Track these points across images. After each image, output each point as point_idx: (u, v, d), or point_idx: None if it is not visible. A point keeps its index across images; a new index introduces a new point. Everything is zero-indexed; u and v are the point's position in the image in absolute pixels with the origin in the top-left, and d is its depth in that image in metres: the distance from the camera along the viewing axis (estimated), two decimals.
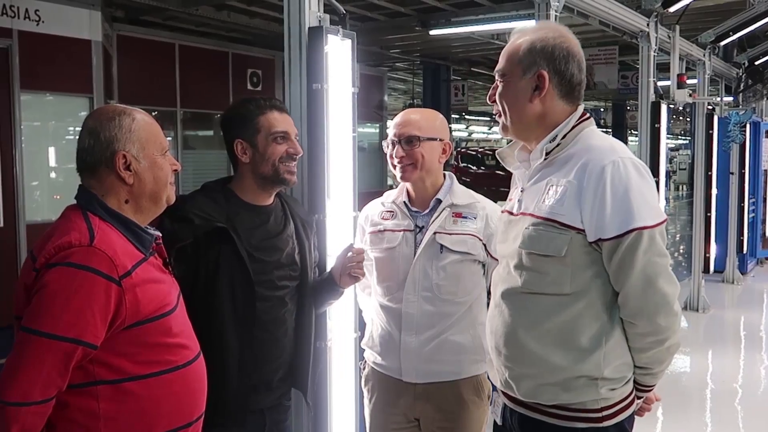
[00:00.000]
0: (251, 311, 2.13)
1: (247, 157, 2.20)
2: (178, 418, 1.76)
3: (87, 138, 1.75)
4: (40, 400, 1.57)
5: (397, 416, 2.51)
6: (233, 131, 2.22)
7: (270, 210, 2.27)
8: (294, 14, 2.50)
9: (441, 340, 2.42)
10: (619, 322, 1.80)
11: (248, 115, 2.20)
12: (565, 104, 1.86)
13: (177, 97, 10.19)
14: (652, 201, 1.76)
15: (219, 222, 2.10)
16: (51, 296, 1.59)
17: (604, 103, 27.45)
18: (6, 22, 7.04)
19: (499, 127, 1.97)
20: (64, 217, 1.73)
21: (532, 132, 1.88)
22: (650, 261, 1.71)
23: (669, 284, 1.75)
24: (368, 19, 11.18)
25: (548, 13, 4.03)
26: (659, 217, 1.74)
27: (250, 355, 2.15)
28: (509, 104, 1.88)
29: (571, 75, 1.84)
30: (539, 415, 1.84)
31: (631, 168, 1.74)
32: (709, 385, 5.60)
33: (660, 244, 1.73)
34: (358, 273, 2.30)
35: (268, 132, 2.19)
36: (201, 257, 2.09)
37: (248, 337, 2.14)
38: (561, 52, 1.82)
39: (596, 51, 13.45)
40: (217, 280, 2.10)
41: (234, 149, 2.21)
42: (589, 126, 1.88)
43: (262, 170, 2.20)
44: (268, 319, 2.19)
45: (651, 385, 1.89)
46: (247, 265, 2.11)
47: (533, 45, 1.83)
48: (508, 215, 1.97)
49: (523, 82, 1.84)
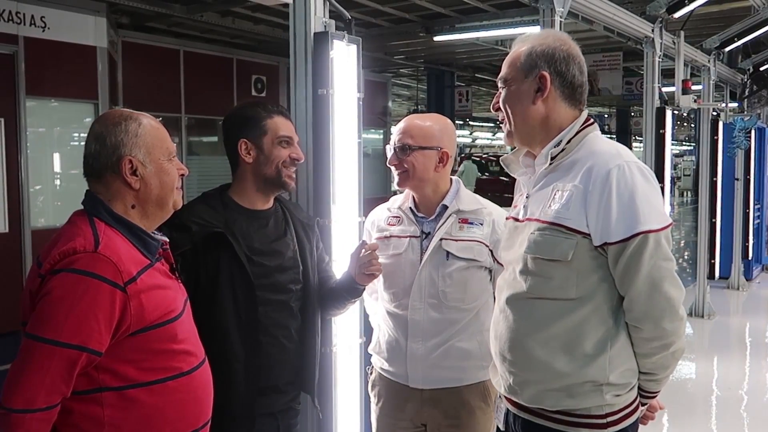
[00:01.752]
0: (254, 315, 2.13)
1: (251, 158, 2.21)
2: (184, 424, 1.76)
3: (93, 143, 1.75)
4: (45, 407, 1.57)
5: (404, 422, 2.50)
6: (238, 131, 2.22)
7: (269, 214, 2.28)
8: (300, 20, 2.51)
9: (447, 347, 2.41)
10: (624, 327, 1.79)
11: (256, 117, 2.22)
12: (568, 107, 1.87)
13: (182, 103, 10.20)
14: (658, 205, 1.76)
15: (217, 227, 2.10)
16: (55, 303, 1.59)
17: (608, 110, 27.45)
18: (12, 28, 7.05)
19: (503, 135, 1.98)
20: (71, 222, 1.73)
21: (537, 136, 1.89)
22: (656, 265, 1.71)
23: (674, 288, 1.75)
24: (373, 26, 11.20)
25: (553, 18, 4.02)
26: (665, 221, 1.74)
27: (256, 359, 2.14)
28: (513, 108, 1.89)
29: (573, 76, 1.86)
30: (543, 421, 1.83)
31: (636, 172, 1.74)
32: (714, 391, 5.58)
33: (666, 248, 1.73)
34: (373, 270, 2.29)
35: (274, 135, 2.21)
36: (201, 264, 2.09)
37: (253, 342, 2.14)
38: (561, 54, 1.85)
39: (600, 57, 13.44)
40: (218, 285, 2.10)
41: (237, 148, 2.21)
42: (594, 131, 1.88)
43: (265, 172, 2.21)
44: (272, 323, 2.19)
45: (655, 392, 1.89)
46: (247, 269, 2.11)
47: (533, 49, 1.86)
48: (513, 221, 1.97)
49: (525, 85, 1.86)
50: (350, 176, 2.60)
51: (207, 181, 8.62)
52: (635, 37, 5.90)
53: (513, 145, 1.97)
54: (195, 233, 2.08)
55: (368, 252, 2.27)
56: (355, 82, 2.60)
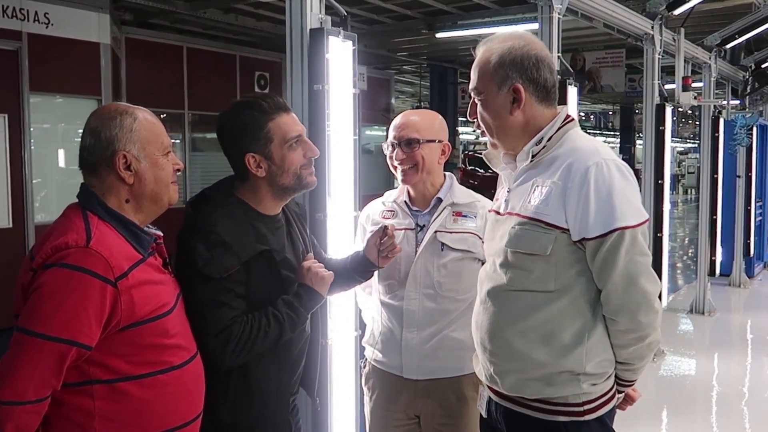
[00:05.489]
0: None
1: (263, 171, 1.98)
2: (174, 418, 1.77)
3: (88, 137, 1.75)
4: (34, 400, 1.58)
5: (397, 413, 2.53)
6: (240, 144, 1.97)
7: (281, 218, 2.12)
8: (296, 16, 2.53)
9: (441, 337, 2.44)
10: (601, 319, 1.83)
11: (255, 124, 1.97)
12: (545, 108, 1.91)
13: (185, 99, 10.24)
14: (635, 201, 1.80)
15: (261, 243, 1.95)
16: (46, 297, 1.59)
17: (612, 107, 27.43)
18: (16, 24, 7.11)
19: (488, 145, 2.02)
20: (64, 216, 1.73)
21: (519, 141, 1.92)
22: (632, 260, 1.75)
23: (650, 282, 1.79)
24: (375, 22, 11.22)
25: (551, 15, 4.05)
26: (641, 217, 1.78)
27: (286, 375, 2.08)
28: (492, 121, 1.93)
29: (545, 80, 1.89)
30: (523, 409, 1.88)
31: (614, 169, 1.78)
32: (715, 387, 5.58)
33: (642, 244, 1.77)
34: (396, 253, 2.31)
35: (282, 140, 1.98)
36: (250, 281, 1.94)
37: (285, 356, 2.06)
38: (530, 60, 1.87)
39: (603, 54, 13.40)
40: (255, 302, 1.95)
41: (245, 163, 1.97)
42: (574, 128, 1.92)
43: (283, 182, 2.00)
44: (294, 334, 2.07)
45: (632, 381, 1.93)
46: (283, 285, 2.01)
47: (502, 59, 1.87)
48: (495, 214, 2.01)
49: (501, 98, 1.89)
50: (346, 171, 2.63)
51: (210, 178, 8.61)
52: (635, 34, 5.91)
53: (500, 151, 2.00)
54: (239, 252, 1.90)
55: (392, 237, 2.28)
56: (351, 78, 2.63)
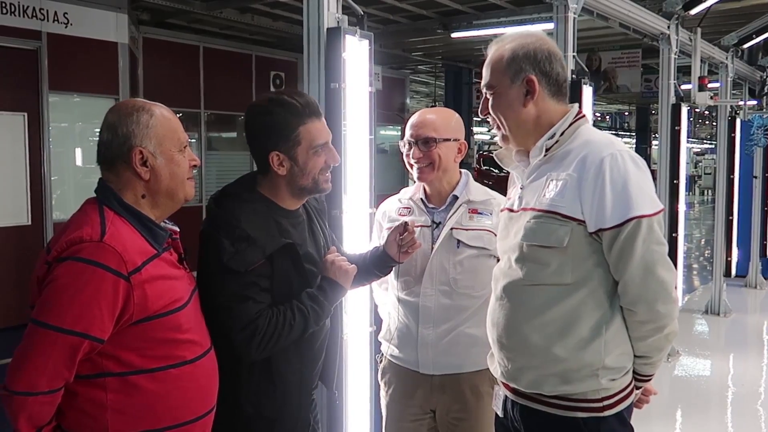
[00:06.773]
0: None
1: (284, 170, 2.02)
2: (186, 412, 1.78)
3: (106, 132, 1.78)
4: (47, 391, 1.61)
5: (413, 408, 2.56)
6: (268, 141, 2.00)
7: (302, 213, 2.16)
8: (313, 15, 2.56)
9: (457, 333, 2.46)
10: (619, 311, 1.84)
11: (286, 125, 1.99)
12: (557, 103, 1.93)
13: (201, 98, 10.33)
14: (650, 191, 1.81)
15: (283, 238, 1.99)
16: (60, 290, 1.62)
17: (629, 107, 27.26)
18: (35, 24, 7.20)
19: (499, 140, 2.03)
20: (81, 210, 1.76)
21: (531, 136, 1.94)
22: (649, 249, 1.76)
23: (667, 271, 1.80)
24: (390, 22, 11.23)
25: (566, 15, 4.05)
26: (657, 207, 1.79)
27: (307, 368, 2.11)
28: (505, 114, 1.94)
29: (557, 74, 1.92)
30: (540, 406, 1.88)
31: (628, 160, 1.79)
32: (730, 388, 5.55)
33: (658, 233, 1.78)
34: (416, 248, 2.33)
35: (309, 145, 2.01)
36: (274, 274, 1.97)
37: (308, 349, 2.09)
38: (543, 54, 1.89)
39: (619, 54, 13.33)
40: (278, 296, 1.99)
41: (269, 160, 2.01)
42: (585, 123, 1.94)
43: (301, 183, 2.05)
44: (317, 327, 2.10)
45: (650, 375, 1.94)
46: (306, 278, 2.04)
47: (515, 53, 1.90)
48: (508, 212, 2.02)
49: (514, 90, 1.91)
50: (362, 168, 2.65)
51: (226, 177, 8.71)
52: (651, 33, 5.88)
53: (510, 146, 2.02)
54: (264, 246, 1.93)
55: (412, 233, 2.31)
56: (367, 77, 2.66)
